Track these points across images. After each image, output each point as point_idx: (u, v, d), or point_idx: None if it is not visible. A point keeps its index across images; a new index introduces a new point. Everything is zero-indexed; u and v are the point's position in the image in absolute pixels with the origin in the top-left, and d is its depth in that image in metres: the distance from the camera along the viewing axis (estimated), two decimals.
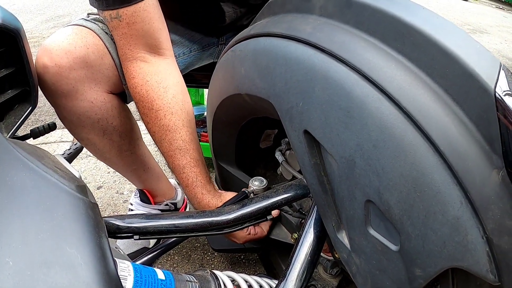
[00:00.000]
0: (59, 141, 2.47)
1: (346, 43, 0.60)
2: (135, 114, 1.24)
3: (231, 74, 0.86)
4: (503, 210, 0.51)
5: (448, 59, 0.53)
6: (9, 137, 0.88)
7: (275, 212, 0.95)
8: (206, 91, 2.47)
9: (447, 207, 0.51)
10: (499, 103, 0.50)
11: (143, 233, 0.84)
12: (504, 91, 0.52)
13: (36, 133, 1.20)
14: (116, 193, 2.01)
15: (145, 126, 1.14)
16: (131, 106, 1.26)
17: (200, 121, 2.10)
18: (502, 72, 0.53)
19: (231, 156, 1.12)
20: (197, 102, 2.39)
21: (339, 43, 0.60)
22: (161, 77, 1.11)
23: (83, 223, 0.51)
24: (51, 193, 0.52)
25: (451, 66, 0.52)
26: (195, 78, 1.61)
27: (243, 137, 1.06)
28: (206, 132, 1.96)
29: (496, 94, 0.50)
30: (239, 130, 1.03)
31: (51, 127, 1.22)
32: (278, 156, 1.03)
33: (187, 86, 2.04)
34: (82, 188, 0.58)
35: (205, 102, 2.42)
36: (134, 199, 1.59)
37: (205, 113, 2.15)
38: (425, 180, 0.52)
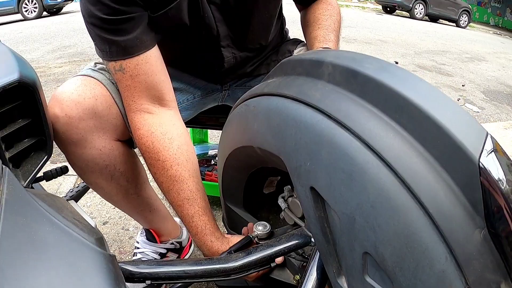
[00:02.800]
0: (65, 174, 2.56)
1: (351, 112, 0.70)
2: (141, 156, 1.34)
3: (244, 127, 0.96)
4: (484, 264, 0.61)
5: (440, 132, 0.63)
6: (26, 185, 0.95)
7: (278, 260, 1.04)
8: (209, 131, 2.58)
9: (434, 261, 0.61)
10: (483, 172, 0.61)
11: (155, 278, 0.93)
12: (488, 150, 0.62)
13: (49, 176, 1.30)
14: (121, 229, 2.09)
15: (152, 176, 1.23)
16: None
17: (204, 160, 2.18)
18: (488, 139, 0.64)
19: (239, 199, 1.21)
20: (201, 140, 2.49)
21: (345, 111, 0.71)
22: (165, 128, 1.21)
23: (105, 276, 0.56)
24: (74, 248, 0.57)
25: (442, 138, 0.63)
26: (199, 120, 1.71)
27: (252, 183, 1.16)
28: (210, 171, 2.07)
29: (480, 164, 0.61)
30: (248, 176, 1.13)
31: (63, 170, 1.33)
32: (281, 203, 1.12)
33: (191, 127, 2.15)
34: (100, 240, 0.64)
35: (209, 141, 2.54)
36: (141, 237, 1.67)
37: (209, 152, 2.26)
38: (415, 238, 0.62)
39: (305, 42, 1.56)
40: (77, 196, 1.67)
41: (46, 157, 1.05)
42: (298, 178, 0.78)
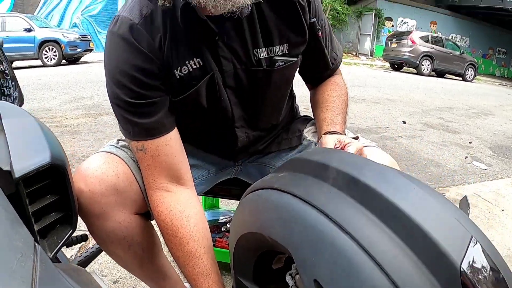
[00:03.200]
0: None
1: (351, 218, 0.81)
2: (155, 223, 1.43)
3: (256, 215, 1.07)
4: None
5: (427, 240, 0.74)
6: (52, 256, 1.02)
7: None
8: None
9: None
10: (463, 274, 0.71)
11: None
12: (474, 242, 0.74)
13: (70, 243, 1.40)
14: None
15: (169, 250, 1.31)
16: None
17: (215, 227, 2.23)
18: (473, 239, 0.75)
19: (249, 274, 1.29)
20: (212, 206, 2.54)
21: (346, 217, 0.82)
22: (183, 207, 1.30)
23: None
24: None
25: (429, 245, 0.74)
26: (213, 191, 1.78)
27: (261, 260, 1.25)
28: (221, 237, 2.15)
29: (461, 268, 0.71)
30: (258, 256, 1.21)
31: (83, 238, 1.43)
32: (288, 280, 1.19)
33: (204, 195, 2.23)
34: None
35: (220, 205, 2.62)
36: None
37: (220, 218, 2.31)
38: None
39: (314, 120, 1.66)
40: (91, 256, 1.76)
41: (71, 230, 1.11)
42: (304, 270, 0.88)
